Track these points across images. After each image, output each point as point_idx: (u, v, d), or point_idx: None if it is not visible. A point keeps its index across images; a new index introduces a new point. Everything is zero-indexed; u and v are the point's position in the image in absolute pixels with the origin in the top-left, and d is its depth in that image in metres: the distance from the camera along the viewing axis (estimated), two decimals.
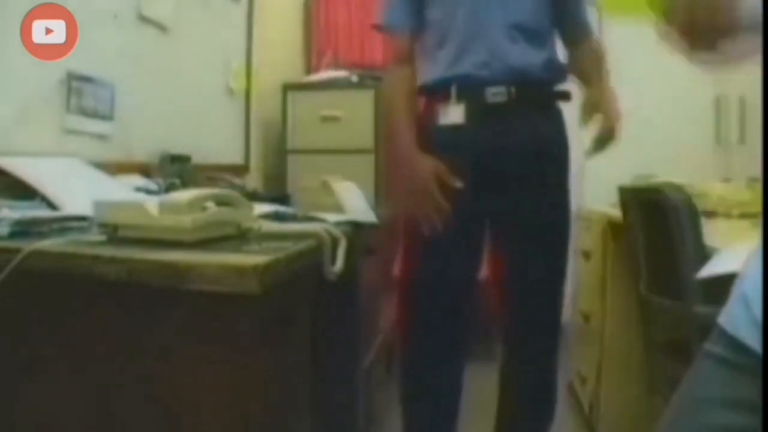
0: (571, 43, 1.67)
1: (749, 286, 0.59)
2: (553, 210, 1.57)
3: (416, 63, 1.63)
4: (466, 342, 1.65)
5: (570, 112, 1.61)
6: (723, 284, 0.71)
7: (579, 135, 1.60)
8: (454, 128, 1.52)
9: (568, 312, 2.80)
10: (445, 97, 1.53)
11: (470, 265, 1.59)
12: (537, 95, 1.54)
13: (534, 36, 1.54)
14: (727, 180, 2.58)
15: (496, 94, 1.50)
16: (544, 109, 1.57)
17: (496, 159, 1.50)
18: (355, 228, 1.39)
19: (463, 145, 1.51)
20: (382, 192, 2.70)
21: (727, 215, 1.98)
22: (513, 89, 1.50)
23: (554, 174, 1.57)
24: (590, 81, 1.59)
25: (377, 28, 1.69)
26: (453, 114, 1.52)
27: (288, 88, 2.91)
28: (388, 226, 1.76)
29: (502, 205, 1.54)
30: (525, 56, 1.51)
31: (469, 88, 1.51)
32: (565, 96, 1.61)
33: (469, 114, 1.52)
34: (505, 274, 1.57)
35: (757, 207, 1.91)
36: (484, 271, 1.65)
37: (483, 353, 2.17)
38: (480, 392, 1.75)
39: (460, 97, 1.52)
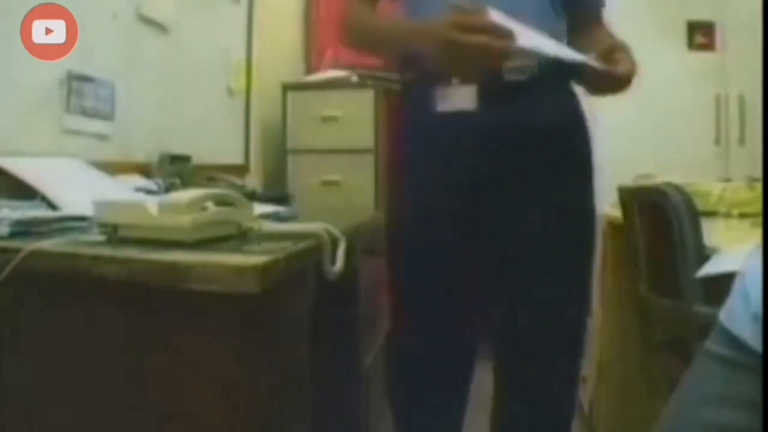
0: (576, 32, 1.27)
1: (749, 282, 0.59)
2: (578, 214, 1.28)
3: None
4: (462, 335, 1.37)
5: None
6: (723, 284, 0.71)
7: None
8: (460, 116, 1.16)
9: None
10: (444, 77, 1.15)
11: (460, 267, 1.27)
12: (564, 71, 1.16)
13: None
14: (727, 180, 2.58)
15: (515, 70, 1.13)
16: (566, 88, 1.24)
17: (514, 153, 1.17)
18: (355, 228, 1.39)
19: (472, 137, 1.17)
20: (382, 192, 2.70)
21: (727, 215, 1.98)
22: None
23: (580, 167, 1.27)
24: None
25: None
26: (458, 98, 1.16)
27: (288, 88, 2.90)
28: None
29: (519, 206, 1.21)
30: (546, 18, 1.16)
31: None
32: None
33: (482, 97, 1.15)
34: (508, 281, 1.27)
35: (757, 207, 1.91)
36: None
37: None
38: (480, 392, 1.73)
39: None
